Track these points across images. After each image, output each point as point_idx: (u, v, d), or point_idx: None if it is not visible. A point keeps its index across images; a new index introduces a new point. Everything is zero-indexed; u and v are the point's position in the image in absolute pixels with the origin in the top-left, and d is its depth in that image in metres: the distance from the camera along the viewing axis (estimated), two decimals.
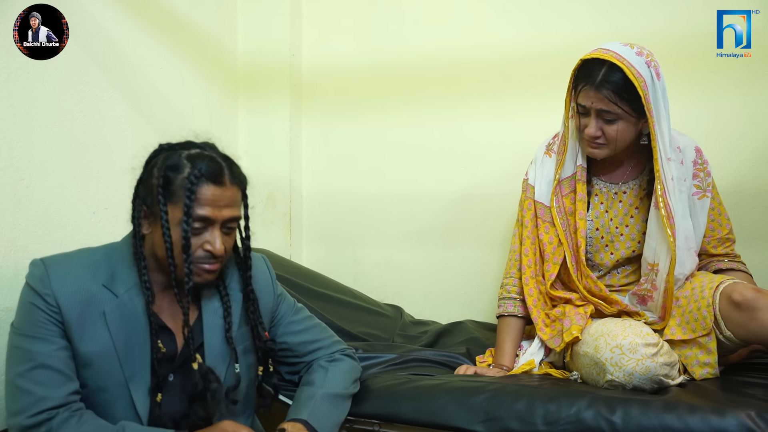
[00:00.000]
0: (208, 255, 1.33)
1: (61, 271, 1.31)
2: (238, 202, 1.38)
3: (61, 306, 1.28)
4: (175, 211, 1.30)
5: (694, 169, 1.83)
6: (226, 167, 1.36)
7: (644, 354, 1.59)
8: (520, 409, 1.48)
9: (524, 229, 1.94)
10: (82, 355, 1.30)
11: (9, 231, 1.53)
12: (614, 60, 1.65)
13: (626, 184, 1.88)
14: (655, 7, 2.24)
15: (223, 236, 1.35)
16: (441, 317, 2.45)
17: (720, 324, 1.67)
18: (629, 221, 1.87)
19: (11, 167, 1.54)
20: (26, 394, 1.23)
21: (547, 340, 1.83)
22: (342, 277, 2.54)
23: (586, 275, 1.84)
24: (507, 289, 1.96)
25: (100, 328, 1.31)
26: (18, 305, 1.32)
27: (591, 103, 1.71)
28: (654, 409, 1.40)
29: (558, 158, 1.89)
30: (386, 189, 2.61)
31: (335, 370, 1.55)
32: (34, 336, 1.27)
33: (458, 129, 2.50)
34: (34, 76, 1.60)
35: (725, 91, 2.17)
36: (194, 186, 1.29)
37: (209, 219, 1.32)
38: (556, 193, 1.88)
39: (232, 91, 2.60)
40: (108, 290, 1.34)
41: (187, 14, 2.31)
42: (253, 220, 2.54)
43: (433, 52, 2.50)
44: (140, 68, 2.04)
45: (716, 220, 1.88)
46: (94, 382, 1.31)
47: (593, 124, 1.73)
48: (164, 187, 1.31)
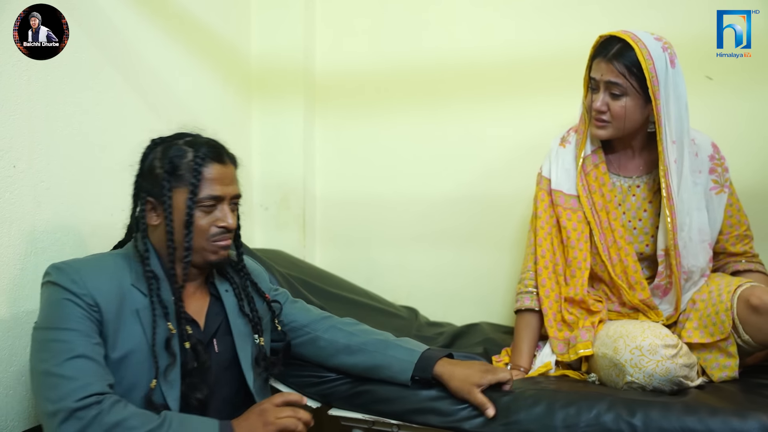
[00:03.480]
0: (222, 231, 1.42)
1: (93, 273, 1.33)
2: (237, 180, 1.48)
3: (99, 305, 1.30)
4: (184, 194, 1.38)
5: (712, 164, 1.84)
6: (222, 148, 1.46)
7: (664, 355, 1.58)
8: (540, 412, 1.47)
9: (538, 220, 1.94)
10: (118, 353, 1.31)
11: (29, 233, 1.54)
12: (629, 39, 1.71)
13: (640, 178, 1.88)
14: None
15: (231, 212, 1.45)
16: (454, 318, 2.45)
17: (738, 328, 1.67)
18: (642, 215, 1.87)
19: (32, 169, 1.54)
20: (69, 380, 1.21)
21: (555, 345, 1.85)
22: (355, 278, 2.54)
23: (628, 252, 1.84)
24: (525, 283, 1.96)
25: (134, 325, 1.34)
26: (45, 305, 1.32)
27: (601, 75, 1.76)
28: (675, 411, 1.40)
29: (578, 137, 1.90)
30: (399, 190, 2.61)
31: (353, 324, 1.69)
32: (71, 329, 1.26)
33: (472, 130, 2.49)
34: (54, 78, 1.61)
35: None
36: (200, 167, 1.38)
37: (219, 197, 1.41)
38: (581, 173, 1.89)
39: (246, 93, 2.60)
40: (137, 289, 1.37)
41: (202, 16, 2.31)
42: (266, 221, 2.63)
43: (447, 54, 2.50)
44: (157, 70, 2.05)
45: (734, 216, 1.88)
46: (128, 380, 1.32)
47: (600, 98, 1.77)
48: (171, 173, 1.38)
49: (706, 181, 1.84)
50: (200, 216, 1.39)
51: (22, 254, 1.52)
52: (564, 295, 1.88)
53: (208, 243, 1.41)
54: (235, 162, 1.49)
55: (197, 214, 1.39)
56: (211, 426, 1.27)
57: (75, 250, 1.67)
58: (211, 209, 1.40)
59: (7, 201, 1.48)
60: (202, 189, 1.38)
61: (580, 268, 1.87)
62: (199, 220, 1.39)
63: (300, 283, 2.09)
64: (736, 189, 1.89)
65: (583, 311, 1.85)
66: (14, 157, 1.50)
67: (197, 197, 1.38)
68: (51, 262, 1.56)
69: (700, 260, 1.79)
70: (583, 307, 1.86)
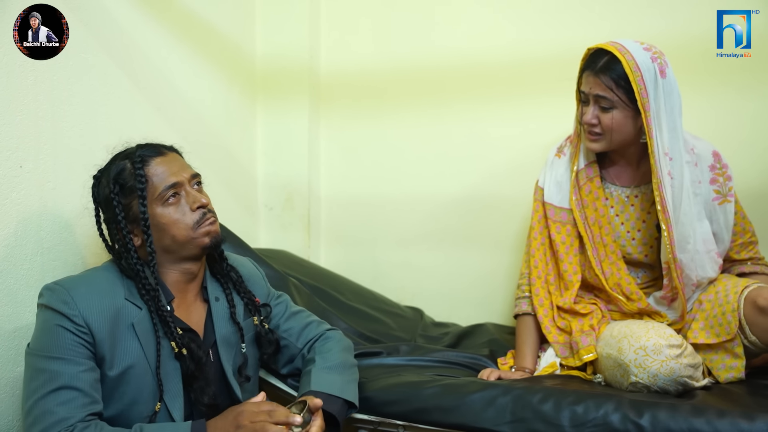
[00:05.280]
0: (202, 212, 1.41)
1: (83, 292, 1.32)
2: (188, 164, 1.48)
3: (90, 326, 1.29)
4: (137, 200, 1.38)
5: (713, 173, 1.81)
6: (157, 143, 1.47)
7: (668, 355, 1.58)
8: (547, 410, 1.48)
9: (533, 230, 1.96)
10: (116, 370, 1.31)
11: (35, 233, 1.54)
12: (616, 52, 1.70)
13: (638, 188, 1.87)
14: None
15: (199, 192, 1.44)
16: (459, 318, 2.46)
17: (745, 329, 1.66)
18: (641, 226, 1.86)
19: (38, 169, 1.55)
20: (48, 414, 1.22)
21: (557, 350, 1.86)
22: (360, 278, 2.55)
23: (619, 267, 1.84)
24: (522, 288, 1.98)
25: (131, 341, 1.34)
26: (38, 329, 1.32)
27: (590, 88, 1.75)
28: (682, 412, 1.40)
29: (572, 150, 1.90)
30: (404, 190, 2.61)
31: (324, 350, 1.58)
32: (60, 357, 1.26)
33: (476, 130, 2.49)
34: (61, 78, 1.61)
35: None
36: (141, 168, 1.38)
37: (176, 183, 1.40)
38: (574, 186, 1.89)
39: (251, 93, 2.60)
40: (131, 303, 1.36)
41: (207, 17, 2.31)
42: (271, 221, 2.64)
43: (452, 54, 2.50)
44: (162, 70, 2.05)
45: (739, 225, 1.86)
46: (130, 396, 1.32)
47: (590, 111, 1.77)
48: (121, 191, 1.38)
49: (707, 192, 1.81)
50: (171, 211, 1.40)
51: (28, 254, 1.52)
52: (555, 304, 1.89)
53: (193, 231, 1.40)
54: (177, 150, 1.49)
55: (167, 210, 1.39)
56: (184, 428, 1.27)
57: (81, 251, 1.67)
58: (177, 198, 1.40)
59: (13, 201, 1.48)
60: (157, 185, 1.39)
61: (571, 281, 1.88)
62: (172, 214, 1.39)
63: (305, 285, 2.09)
64: (741, 190, 1.87)
65: (575, 317, 1.87)
66: (21, 158, 1.50)
67: (158, 194, 1.38)
68: (57, 261, 1.59)
69: (708, 271, 1.78)
70: (573, 313, 1.87)
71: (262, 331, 1.53)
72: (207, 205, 1.43)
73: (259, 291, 1.61)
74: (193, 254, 1.42)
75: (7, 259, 1.47)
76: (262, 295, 1.62)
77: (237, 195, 2.53)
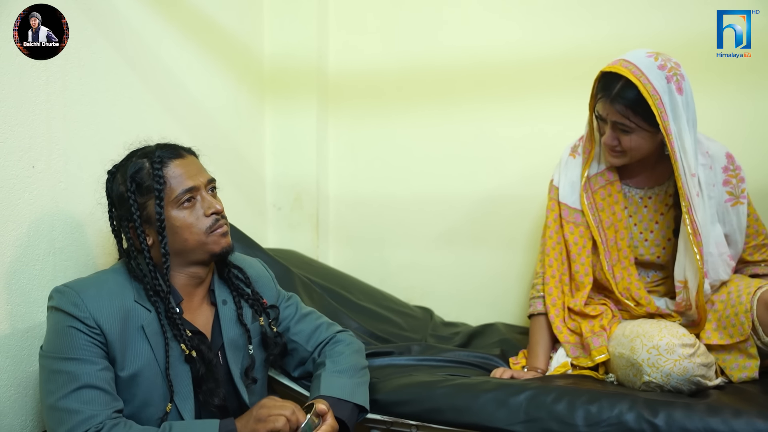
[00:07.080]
0: (215, 218, 1.41)
1: (93, 294, 1.32)
2: (204, 168, 1.47)
3: (102, 327, 1.29)
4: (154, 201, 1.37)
5: (726, 175, 1.80)
6: (176, 145, 1.45)
7: (681, 354, 1.58)
8: (561, 410, 1.47)
9: (548, 229, 1.95)
10: (127, 371, 1.31)
11: (48, 233, 1.54)
12: (631, 75, 1.66)
13: (652, 189, 1.87)
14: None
15: (213, 198, 1.44)
16: (468, 318, 2.45)
17: (758, 330, 1.66)
18: (654, 227, 1.86)
19: (50, 169, 1.55)
20: (74, 413, 1.22)
21: (568, 350, 1.85)
22: (369, 278, 2.55)
23: (630, 273, 1.84)
24: (537, 288, 1.97)
25: (141, 342, 1.34)
26: (50, 332, 1.32)
27: (606, 114, 1.73)
28: (698, 412, 1.39)
29: (584, 157, 1.89)
30: (413, 190, 2.61)
31: (335, 354, 1.57)
32: (76, 358, 1.26)
33: (485, 130, 2.49)
34: (72, 79, 1.61)
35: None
36: (160, 169, 1.37)
37: (193, 188, 1.39)
38: (586, 190, 1.88)
39: (259, 93, 2.60)
40: (141, 305, 1.36)
41: (216, 16, 2.32)
42: (280, 221, 2.63)
43: (460, 54, 2.49)
44: (172, 71, 2.05)
45: (752, 227, 1.85)
46: (140, 398, 1.32)
47: (609, 134, 1.75)
48: (137, 190, 1.37)
49: (719, 194, 1.80)
50: (186, 214, 1.39)
51: (41, 254, 1.52)
52: (567, 305, 1.89)
53: (205, 236, 1.40)
54: (194, 153, 1.49)
55: (182, 213, 1.38)
56: (211, 426, 1.27)
57: (93, 251, 1.67)
58: (193, 202, 1.40)
59: (26, 201, 1.48)
60: (174, 187, 1.38)
61: (583, 282, 1.88)
62: (187, 218, 1.39)
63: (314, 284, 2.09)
64: (750, 192, 1.86)
65: (585, 319, 1.86)
66: (33, 158, 1.50)
67: (174, 197, 1.38)
68: (69, 261, 1.59)
69: (721, 274, 1.77)
70: (583, 315, 1.87)
71: (268, 333, 1.53)
72: (221, 212, 1.42)
73: (267, 293, 1.60)
74: (201, 259, 1.42)
75: (20, 259, 1.47)
76: (271, 297, 1.61)
77: (245, 195, 2.53)
